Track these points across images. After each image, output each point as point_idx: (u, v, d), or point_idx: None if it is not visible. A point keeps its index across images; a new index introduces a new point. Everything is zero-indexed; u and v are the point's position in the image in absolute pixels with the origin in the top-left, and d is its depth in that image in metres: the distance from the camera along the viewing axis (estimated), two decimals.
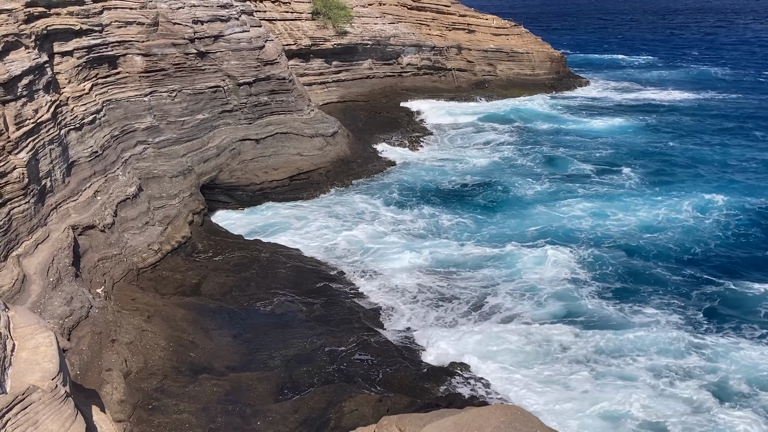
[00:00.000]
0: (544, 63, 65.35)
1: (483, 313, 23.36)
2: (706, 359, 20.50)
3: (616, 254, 27.95)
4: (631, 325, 22.44)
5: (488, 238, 29.96)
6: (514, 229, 31.04)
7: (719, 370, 19.92)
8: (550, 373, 19.85)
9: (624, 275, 26.21)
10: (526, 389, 18.97)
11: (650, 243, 29.21)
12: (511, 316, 23.10)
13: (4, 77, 20.49)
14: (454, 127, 50.35)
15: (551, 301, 24.18)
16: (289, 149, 37.05)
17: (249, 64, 36.33)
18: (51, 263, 19.71)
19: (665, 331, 21.96)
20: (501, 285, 25.36)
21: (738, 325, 22.60)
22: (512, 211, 33.27)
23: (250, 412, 17.33)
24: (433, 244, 29.08)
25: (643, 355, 20.73)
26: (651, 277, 26.08)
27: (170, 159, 30.52)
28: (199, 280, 24.76)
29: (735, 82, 70.45)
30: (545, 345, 21.29)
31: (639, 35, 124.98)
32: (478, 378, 19.38)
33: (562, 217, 32.31)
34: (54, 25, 25.49)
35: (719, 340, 21.61)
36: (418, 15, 62.11)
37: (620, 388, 19.01)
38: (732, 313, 23.39)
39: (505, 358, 20.51)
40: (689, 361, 20.39)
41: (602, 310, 23.55)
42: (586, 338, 21.59)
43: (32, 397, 9.26)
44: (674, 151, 44.23)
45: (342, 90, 51.60)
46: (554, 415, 17.74)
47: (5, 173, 19.19)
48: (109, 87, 28.93)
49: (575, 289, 25.02)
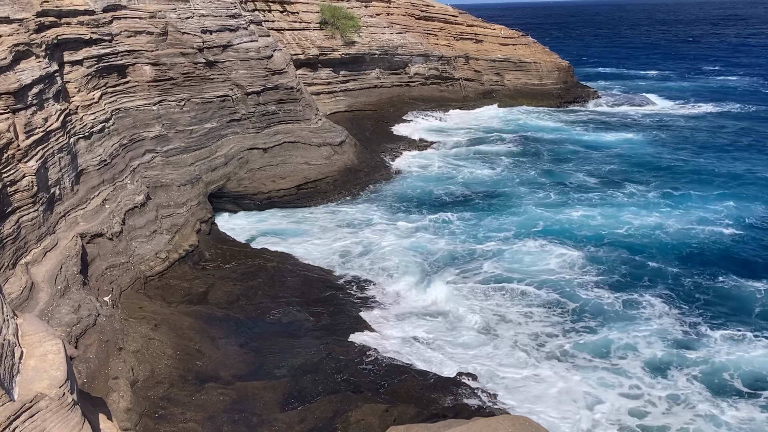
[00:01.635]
0: (551, 73, 65.39)
1: (492, 318, 23.29)
2: (705, 356, 20.86)
3: (624, 257, 28.30)
4: (638, 325, 22.76)
5: (498, 240, 30.38)
6: (521, 232, 31.37)
7: (718, 367, 20.27)
8: (550, 373, 19.99)
9: (628, 276, 26.58)
10: (530, 395, 18.95)
11: (654, 248, 29.39)
12: (518, 321, 23.05)
13: (14, 86, 20.62)
14: (459, 139, 50.35)
15: (554, 299, 24.61)
16: (297, 158, 37.13)
17: (257, 74, 36.49)
18: (59, 271, 19.77)
19: (667, 329, 22.38)
20: (510, 288, 25.49)
21: (735, 323, 22.98)
22: (517, 216, 33.60)
23: (256, 422, 17.28)
24: (440, 248, 29.26)
25: (643, 357, 20.94)
26: (655, 279, 26.36)
27: (178, 168, 30.63)
28: (206, 288, 24.75)
29: (752, 93, 70.23)
30: (546, 347, 21.46)
31: (651, 46, 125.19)
32: (486, 388, 19.28)
33: (565, 221, 32.57)
34: (64, 34, 25.68)
35: (718, 337, 22.04)
36: (425, 25, 62.32)
37: (621, 389, 19.24)
38: (730, 312, 23.81)
39: (511, 362, 20.47)
40: (688, 358, 20.77)
41: (605, 311, 23.76)
42: (588, 339, 21.76)
43: (40, 405, 9.26)
44: (685, 163, 43.97)
45: (350, 99, 51.75)
46: (560, 422, 17.71)
47: (15, 181, 19.28)
48: (118, 96, 29.10)
49: (578, 288, 25.48)
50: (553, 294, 25.09)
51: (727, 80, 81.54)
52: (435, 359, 20.80)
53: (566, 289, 25.37)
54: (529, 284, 25.93)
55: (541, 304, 24.43)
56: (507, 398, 18.91)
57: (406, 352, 21.19)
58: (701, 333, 22.27)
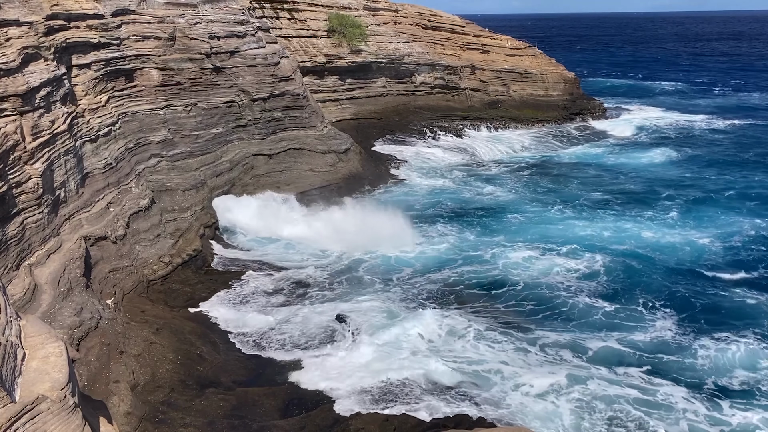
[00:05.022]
0: (557, 84, 65.38)
1: (490, 327, 23.24)
2: (709, 361, 21.16)
3: (632, 268, 28.39)
4: (645, 331, 23.02)
5: (500, 247, 30.41)
6: (518, 242, 31.43)
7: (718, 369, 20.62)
8: (552, 381, 19.97)
9: (633, 285, 26.77)
10: (529, 406, 18.91)
11: (664, 260, 29.46)
12: (522, 325, 23.01)
13: (22, 88, 20.74)
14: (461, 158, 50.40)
15: (555, 308, 24.71)
16: (302, 165, 37.20)
17: (264, 80, 36.61)
18: (62, 273, 19.81)
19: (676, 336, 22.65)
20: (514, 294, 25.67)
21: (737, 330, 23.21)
22: (517, 224, 33.86)
23: (256, 428, 17.25)
24: (438, 253, 29.27)
25: (643, 362, 21.08)
26: (661, 288, 26.58)
27: (183, 172, 30.71)
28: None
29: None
30: (548, 356, 21.48)
31: (666, 61, 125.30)
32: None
33: (567, 232, 32.71)
34: (73, 38, 25.83)
35: (720, 343, 22.24)
36: (432, 34, 62.41)
37: (622, 392, 19.37)
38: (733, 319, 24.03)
39: (515, 370, 20.44)
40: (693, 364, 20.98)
41: (610, 320, 23.96)
42: (590, 347, 21.88)
43: (41, 407, 9.26)
44: (698, 178, 44.05)
45: (355, 107, 51.82)
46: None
47: (20, 183, 19.36)
48: (125, 100, 29.22)
49: (583, 297, 25.71)
50: (555, 303, 25.18)
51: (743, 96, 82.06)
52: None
53: (569, 299, 25.39)
54: (531, 292, 25.99)
55: (541, 313, 24.40)
56: (507, 409, 18.82)
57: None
58: (703, 344, 22.26)
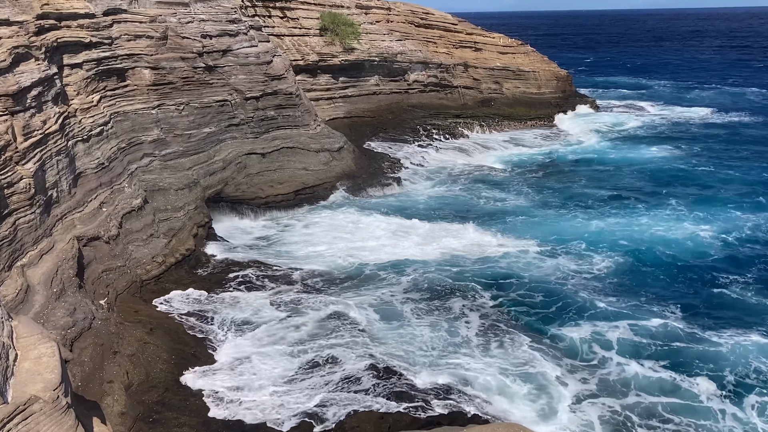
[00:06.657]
0: (550, 82, 65.52)
1: (492, 324, 23.25)
2: (710, 355, 21.30)
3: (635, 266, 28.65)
4: (652, 325, 23.16)
5: (507, 244, 30.42)
6: (530, 237, 31.62)
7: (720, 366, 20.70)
8: (552, 377, 20.05)
9: (635, 282, 26.98)
10: (525, 403, 18.95)
11: (666, 255, 29.74)
12: (518, 326, 23.04)
13: (13, 88, 20.63)
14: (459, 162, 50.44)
15: (557, 307, 24.77)
16: (295, 164, 37.16)
17: (256, 79, 36.54)
18: (55, 274, 19.73)
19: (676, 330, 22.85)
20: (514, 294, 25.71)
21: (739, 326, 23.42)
22: (518, 223, 33.85)
23: (250, 427, 17.23)
24: (435, 252, 29.33)
25: (643, 359, 21.18)
26: (662, 283, 26.84)
27: (176, 172, 30.61)
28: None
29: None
30: (547, 353, 21.52)
31: (658, 57, 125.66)
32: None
33: (566, 228, 32.85)
34: (64, 37, 25.70)
35: (721, 338, 22.45)
36: (425, 33, 62.41)
37: (621, 392, 19.49)
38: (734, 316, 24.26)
39: (508, 370, 20.45)
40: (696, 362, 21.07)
41: (615, 316, 24.05)
42: (590, 345, 21.97)
43: (33, 408, 9.24)
44: (695, 173, 44.32)
45: (349, 106, 51.76)
46: (558, 429, 17.74)
47: (12, 183, 19.27)
48: (117, 99, 29.10)
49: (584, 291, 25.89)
50: (556, 297, 25.33)
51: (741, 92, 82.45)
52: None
53: (572, 297, 25.48)
54: (531, 289, 26.07)
55: (543, 308, 24.52)
56: (501, 405, 18.85)
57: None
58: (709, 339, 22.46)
